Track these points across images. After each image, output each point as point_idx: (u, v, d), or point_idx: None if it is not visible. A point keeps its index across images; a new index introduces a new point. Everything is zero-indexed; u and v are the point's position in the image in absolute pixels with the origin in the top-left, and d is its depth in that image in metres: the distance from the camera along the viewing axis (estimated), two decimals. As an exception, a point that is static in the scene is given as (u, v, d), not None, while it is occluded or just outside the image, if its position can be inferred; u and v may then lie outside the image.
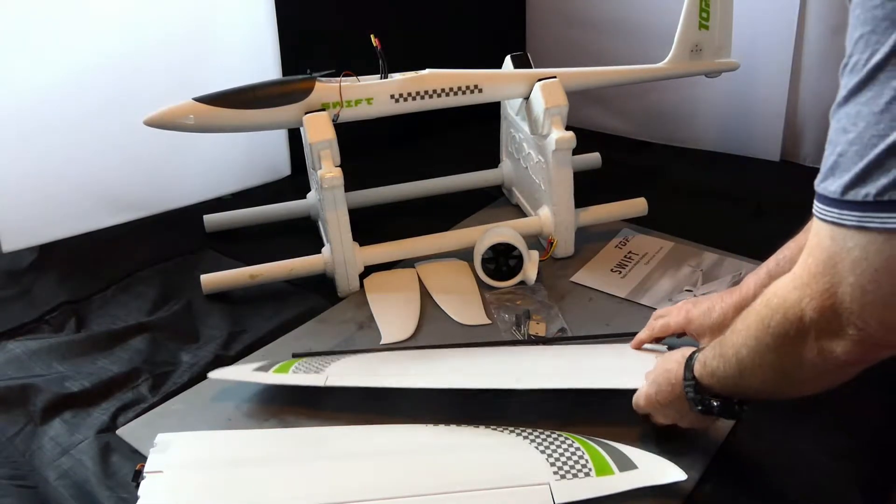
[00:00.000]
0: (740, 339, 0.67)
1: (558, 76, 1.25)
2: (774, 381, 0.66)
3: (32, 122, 1.23)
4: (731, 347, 0.68)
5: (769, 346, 0.63)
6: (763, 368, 0.65)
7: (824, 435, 0.85)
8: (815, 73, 1.52)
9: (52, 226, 1.30)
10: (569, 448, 0.79)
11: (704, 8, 1.35)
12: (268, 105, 1.14)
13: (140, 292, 1.19)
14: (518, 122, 1.35)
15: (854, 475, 0.80)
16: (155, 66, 1.31)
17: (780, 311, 0.60)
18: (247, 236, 1.38)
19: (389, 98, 1.20)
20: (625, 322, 1.07)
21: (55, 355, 1.03)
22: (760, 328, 0.63)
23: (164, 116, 1.11)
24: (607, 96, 1.79)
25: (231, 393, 0.95)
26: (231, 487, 0.77)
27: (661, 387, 0.79)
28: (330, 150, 1.14)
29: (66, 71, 1.24)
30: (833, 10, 1.46)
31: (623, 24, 1.74)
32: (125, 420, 0.91)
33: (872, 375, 0.94)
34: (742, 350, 0.67)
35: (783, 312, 0.60)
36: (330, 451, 0.83)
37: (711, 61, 1.40)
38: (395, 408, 0.92)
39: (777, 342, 0.62)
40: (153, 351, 1.04)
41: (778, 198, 1.38)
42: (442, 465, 0.79)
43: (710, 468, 0.81)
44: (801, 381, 0.64)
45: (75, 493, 0.80)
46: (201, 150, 1.42)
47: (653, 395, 0.81)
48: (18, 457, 0.86)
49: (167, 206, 1.42)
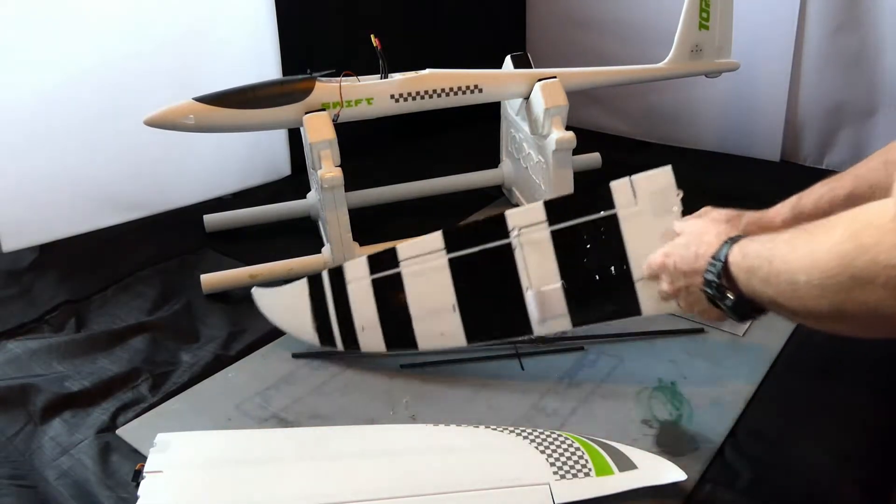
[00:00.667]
0: (800, 263, 0.58)
1: (558, 76, 1.25)
2: (827, 317, 0.58)
3: (33, 122, 1.23)
4: (784, 264, 0.60)
5: (842, 285, 0.54)
6: (820, 303, 0.57)
7: (825, 435, 0.85)
8: (815, 73, 1.52)
9: (52, 226, 1.30)
10: (569, 448, 0.79)
11: (704, 8, 1.35)
12: (268, 105, 1.14)
13: (140, 292, 1.19)
14: (518, 122, 1.35)
15: (854, 476, 0.80)
16: (155, 66, 1.32)
17: (871, 254, 0.51)
18: (247, 236, 1.38)
19: (389, 98, 1.20)
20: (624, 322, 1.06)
21: (55, 355, 1.03)
22: (838, 263, 0.54)
23: (164, 116, 1.11)
24: (607, 96, 1.79)
25: (231, 393, 0.95)
26: (231, 487, 0.77)
27: (688, 250, 0.75)
28: (330, 150, 1.14)
29: (67, 71, 1.24)
30: (833, 10, 1.46)
31: (623, 24, 1.74)
32: (125, 420, 0.91)
33: (873, 376, 0.94)
34: (800, 276, 0.58)
35: (873, 256, 0.51)
36: (330, 451, 0.83)
37: (711, 61, 1.40)
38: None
39: (855, 284, 0.53)
40: (153, 351, 1.04)
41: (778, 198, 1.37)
42: (442, 465, 0.79)
43: (710, 468, 0.81)
44: (860, 327, 0.57)
45: (75, 492, 0.80)
46: (201, 150, 1.42)
47: (674, 256, 0.78)
48: (18, 456, 0.86)
49: (167, 206, 1.42)
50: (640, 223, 0.88)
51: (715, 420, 0.87)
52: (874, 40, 1.44)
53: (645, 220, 0.88)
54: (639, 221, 0.88)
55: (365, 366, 1.00)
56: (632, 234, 0.89)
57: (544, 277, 0.92)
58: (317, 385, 0.97)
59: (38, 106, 1.23)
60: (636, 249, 0.88)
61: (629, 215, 0.89)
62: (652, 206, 0.88)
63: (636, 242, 0.88)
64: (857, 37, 1.46)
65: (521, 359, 1.00)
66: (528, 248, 0.92)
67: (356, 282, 0.98)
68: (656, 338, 1.03)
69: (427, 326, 0.96)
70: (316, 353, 1.02)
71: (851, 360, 0.97)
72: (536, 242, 0.92)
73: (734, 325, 1.04)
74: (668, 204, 0.87)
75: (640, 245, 0.88)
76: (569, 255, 0.91)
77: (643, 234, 0.88)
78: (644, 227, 0.88)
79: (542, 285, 0.92)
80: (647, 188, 0.88)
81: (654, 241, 0.85)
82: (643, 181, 0.89)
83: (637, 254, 0.88)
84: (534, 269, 0.92)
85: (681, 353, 1.00)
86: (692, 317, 1.06)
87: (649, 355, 1.00)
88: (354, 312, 0.98)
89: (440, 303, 0.95)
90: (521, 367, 0.99)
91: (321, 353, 1.02)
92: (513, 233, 0.93)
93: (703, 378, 0.95)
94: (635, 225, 0.89)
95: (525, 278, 0.93)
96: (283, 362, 1.01)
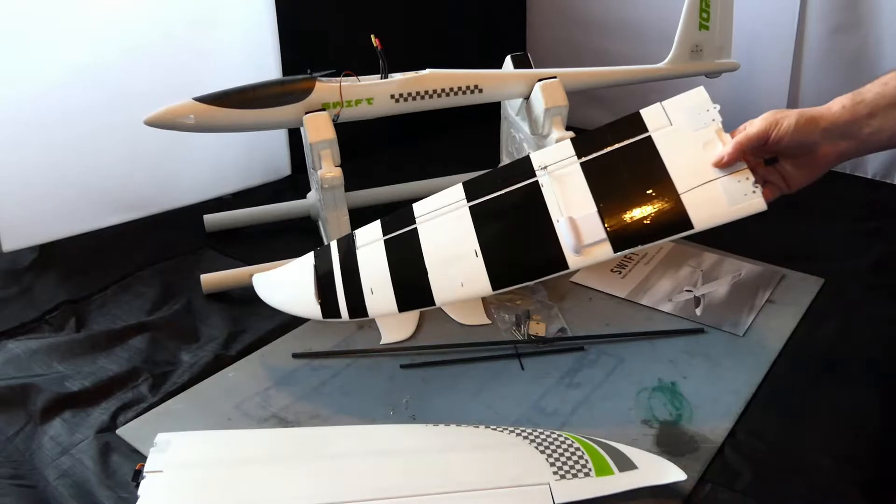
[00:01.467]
0: None
1: (558, 76, 1.25)
2: None
3: (33, 121, 1.23)
4: None
5: None
6: None
7: (825, 436, 0.85)
8: (815, 73, 1.52)
9: (52, 225, 1.30)
10: (569, 448, 0.79)
11: (704, 8, 1.35)
12: (268, 105, 1.14)
13: (140, 292, 1.19)
14: (518, 122, 1.35)
15: (854, 476, 0.80)
16: (155, 65, 1.31)
17: None
18: (247, 236, 1.38)
19: (389, 98, 1.20)
20: (624, 322, 1.07)
21: (55, 355, 1.03)
22: None
23: (164, 116, 1.11)
24: (607, 96, 1.79)
25: (231, 393, 0.95)
26: (231, 487, 0.77)
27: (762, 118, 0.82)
28: (330, 149, 1.14)
29: (67, 71, 1.24)
30: (833, 10, 1.47)
31: (623, 24, 1.74)
32: (125, 420, 0.91)
33: (872, 376, 0.94)
34: None
35: None
36: (330, 451, 0.83)
37: (711, 61, 1.40)
38: (395, 408, 0.92)
39: None
40: (153, 351, 1.04)
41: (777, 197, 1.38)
42: (442, 465, 0.79)
43: (710, 468, 0.81)
44: None
45: (75, 492, 0.80)
46: (201, 150, 1.42)
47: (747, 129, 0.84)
48: (18, 456, 0.86)
49: (167, 206, 1.42)
50: (678, 139, 0.85)
51: (715, 420, 0.88)
52: (874, 40, 1.44)
53: (683, 135, 0.85)
54: (676, 138, 0.85)
55: (365, 366, 1.00)
56: (670, 150, 0.85)
57: (577, 205, 0.86)
58: (317, 385, 0.97)
59: (38, 106, 1.23)
60: (678, 164, 0.84)
61: (664, 135, 0.86)
62: (689, 121, 0.85)
63: (677, 157, 0.85)
64: (857, 37, 1.46)
65: (521, 359, 1.00)
66: (558, 183, 0.87)
67: (367, 246, 0.92)
68: (656, 338, 1.03)
69: (445, 276, 0.88)
70: (316, 353, 1.02)
71: (851, 360, 0.98)
72: (566, 176, 0.87)
73: (734, 324, 1.04)
74: (706, 117, 0.85)
75: (682, 159, 0.84)
76: (602, 181, 0.86)
77: (683, 148, 0.84)
78: (683, 142, 0.85)
79: (576, 214, 0.86)
80: (681, 107, 0.86)
81: (698, 152, 0.83)
82: (675, 102, 0.87)
83: (679, 168, 0.84)
84: (564, 200, 0.86)
85: (681, 353, 1.00)
86: (692, 317, 1.07)
87: (649, 355, 1.00)
88: (364, 276, 0.91)
89: (461, 249, 0.87)
90: (521, 367, 0.99)
91: (321, 353, 1.02)
92: (539, 171, 0.88)
93: (703, 378, 0.95)
94: (673, 142, 0.85)
95: (556, 209, 0.86)
96: (283, 362, 1.01)
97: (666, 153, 0.84)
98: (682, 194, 0.83)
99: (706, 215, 0.83)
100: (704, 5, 1.35)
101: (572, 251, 0.84)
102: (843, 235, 1.30)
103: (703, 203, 0.82)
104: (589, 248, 0.84)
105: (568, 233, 0.84)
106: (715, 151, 0.85)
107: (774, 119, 0.84)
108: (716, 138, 0.83)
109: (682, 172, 0.83)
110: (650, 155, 0.84)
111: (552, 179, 0.87)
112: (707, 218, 0.83)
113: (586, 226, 0.85)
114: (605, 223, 0.85)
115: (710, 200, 0.83)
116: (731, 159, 0.84)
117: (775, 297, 1.11)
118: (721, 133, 0.86)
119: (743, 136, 0.85)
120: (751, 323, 1.05)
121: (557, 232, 0.85)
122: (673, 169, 0.84)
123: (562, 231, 0.85)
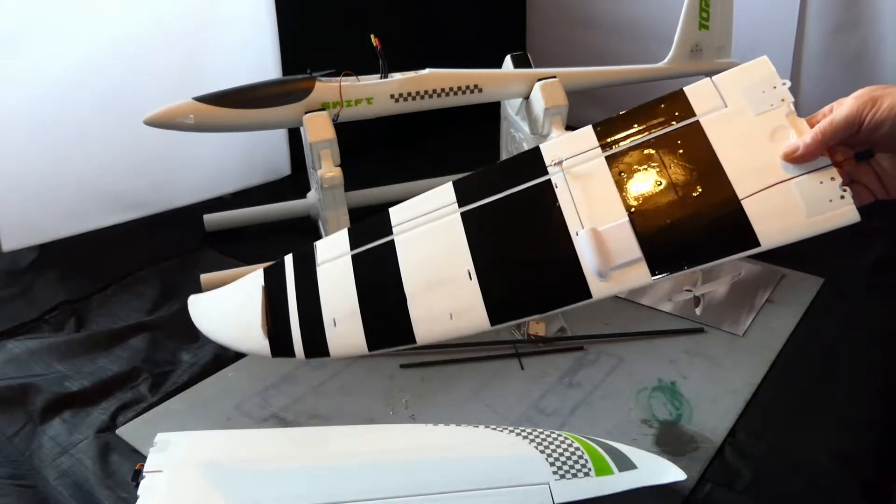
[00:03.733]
0: None
1: (558, 76, 1.25)
2: None
3: (32, 121, 1.23)
4: None
5: None
6: None
7: (825, 436, 0.85)
8: (815, 72, 1.52)
9: (52, 225, 1.30)
10: (568, 448, 0.79)
11: (704, 8, 1.35)
12: (268, 105, 1.14)
13: (140, 292, 1.19)
14: (518, 122, 1.35)
15: (855, 476, 0.80)
16: (155, 65, 1.32)
17: None
18: (247, 236, 1.38)
19: (389, 98, 1.20)
20: (624, 322, 1.07)
21: (55, 355, 1.03)
22: None
23: (164, 116, 1.11)
24: (607, 96, 1.79)
25: (231, 393, 0.95)
26: (230, 487, 0.77)
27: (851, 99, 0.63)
28: (330, 149, 1.14)
29: (67, 71, 1.24)
30: (833, 10, 1.47)
31: (623, 24, 1.74)
32: (125, 420, 0.91)
33: (872, 376, 0.94)
34: None
35: None
36: (330, 451, 0.83)
37: (711, 61, 1.40)
38: (395, 407, 0.92)
39: None
40: (153, 350, 1.04)
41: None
42: (442, 465, 0.79)
43: (709, 468, 0.81)
44: None
45: (75, 492, 0.80)
46: (201, 150, 1.42)
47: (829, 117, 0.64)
48: (18, 456, 0.86)
49: (167, 206, 1.42)
50: (737, 126, 0.67)
51: (715, 420, 0.88)
52: (874, 40, 1.44)
53: (743, 120, 0.67)
54: (734, 124, 0.67)
55: (365, 366, 1.00)
56: (725, 140, 0.66)
57: (602, 213, 0.67)
58: (317, 385, 0.97)
59: (38, 106, 1.23)
60: (736, 159, 0.65)
61: (718, 120, 0.67)
62: (750, 102, 0.67)
63: (734, 150, 0.66)
64: (857, 36, 1.46)
65: (520, 358, 1.00)
66: (576, 183, 0.68)
67: (331, 262, 0.72)
68: (656, 337, 1.03)
69: (429, 306, 0.69)
70: (316, 353, 1.01)
71: (851, 360, 0.97)
72: (587, 175, 0.68)
73: (734, 324, 1.04)
74: (773, 96, 0.67)
75: (741, 152, 0.66)
76: (635, 181, 0.67)
77: (743, 137, 0.66)
78: (742, 130, 0.66)
79: (600, 224, 0.66)
80: (739, 84, 0.69)
81: (763, 143, 0.65)
82: (731, 77, 0.70)
83: (738, 164, 0.65)
84: (586, 205, 0.67)
85: (681, 353, 1.00)
86: (692, 316, 1.07)
87: (649, 355, 1.00)
88: (325, 302, 0.71)
89: (449, 270, 0.69)
90: (521, 367, 0.99)
91: (321, 353, 1.01)
92: (552, 168, 0.70)
93: (703, 378, 0.95)
94: (729, 130, 0.67)
95: (574, 218, 0.67)
96: (283, 362, 1.01)
97: (719, 144, 0.66)
98: (742, 200, 0.64)
99: (777, 228, 0.63)
100: (704, 5, 1.35)
101: (596, 275, 0.65)
102: (843, 235, 1.29)
103: (772, 212, 0.63)
104: (619, 270, 0.65)
105: (590, 249, 0.66)
106: (787, 143, 0.65)
107: (870, 98, 0.63)
108: (787, 125, 0.65)
109: (741, 170, 0.65)
110: (698, 146, 0.66)
111: (569, 178, 0.69)
112: (779, 232, 0.63)
113: (614, 240, 0.66)
114: (639, 237, 0.66)
115: (782, 208, 0.64)
116: (809, 153, 0.64)
117: (775, 296, 1.11)
118: (795, 118, 0.66)
119: (827, 122, 0.64)
120: (750, 323, 1.05)
121: (576, 248, 0.67)
122: (729, 165, 0.65)
123: (582, 247, 0.66)
